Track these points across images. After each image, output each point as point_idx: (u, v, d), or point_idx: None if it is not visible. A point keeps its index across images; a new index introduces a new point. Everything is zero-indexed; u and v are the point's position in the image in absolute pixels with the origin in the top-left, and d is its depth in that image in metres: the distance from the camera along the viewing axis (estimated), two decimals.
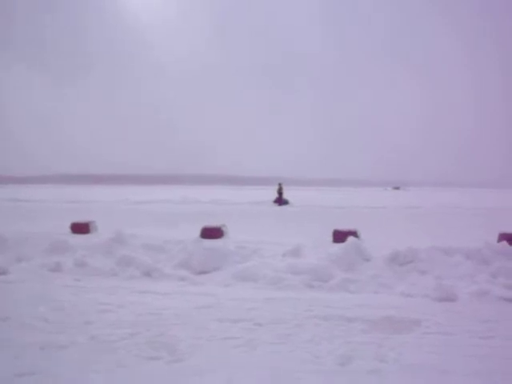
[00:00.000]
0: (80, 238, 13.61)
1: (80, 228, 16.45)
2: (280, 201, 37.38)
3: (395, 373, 4.83)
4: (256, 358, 5.22)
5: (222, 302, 7.71)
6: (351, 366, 5.01)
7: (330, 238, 14.12)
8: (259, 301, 7.72)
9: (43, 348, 5.58)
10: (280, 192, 38.17)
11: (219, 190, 74.11)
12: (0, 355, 5.34)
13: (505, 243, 10.10)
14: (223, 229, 15.63)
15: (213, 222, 16.28)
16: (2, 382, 4.66)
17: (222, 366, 4.99)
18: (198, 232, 14.95)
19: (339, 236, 13.60)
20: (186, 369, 4.94)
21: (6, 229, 14.66)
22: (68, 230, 16.37)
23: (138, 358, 5.25)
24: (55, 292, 8.38)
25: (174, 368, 4.99)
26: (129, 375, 4.80)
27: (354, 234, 13.26)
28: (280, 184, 38.30)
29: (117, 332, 6.11)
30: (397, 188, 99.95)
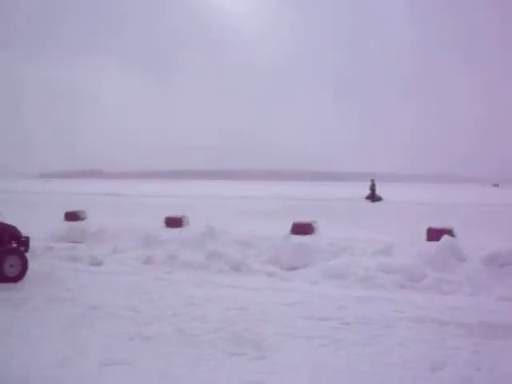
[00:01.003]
0: (173, 232, 13.93)
1: (173, 222, 16.88)
2: (373, 197, 36.60)
3: (490, 382, 4.53)
4: (342, 359, 5.08)
5: (310, 299, 7.60)
6: (443, 372, 4.75)
7: (424, 236, 13.61)
8: (348, 299, 7.55)
9: (132, 338, 5.73)
10: (373, 188, 37.36)
11: (310, 187, 73.64)
12: (89, 344, 5.53)
13: None
14: (313, 225, 15.48)
15: (303, 218, 16.16)
16: (90, 371, 4.81)
17: (305, 366, 4.89)
18: (288, 228, 14.88)
19: (434, 234, 13.07)
20: (268, 366, 4.89)
21: (104, 222, 15.28)
22: (162, 223, 16.82)
23: (222, 353, 5.26)
24: (146, 284, 8.62)
25: (257, 365, 4.95)
26: (211, 370, 4.81)
27: (449, 232, 12.65)
28: (373, 180, 37.47)
29: (203, 326, 6.17)
30: (496, 185, 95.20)
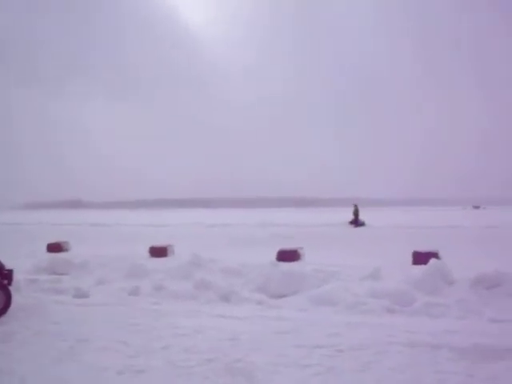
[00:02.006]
0: (158, 262, 13.83)
1: (158, 252, 16.76)
2: (356, 222, 36.78)
3: None
4: None
5: (301, 326, 7.53)
6: None
7: (410, 260, 13.66)
8: (339, 326, 7.49)
9: (121, 372, 5.61)
10: (356, 213, 37.58)
11: (291, 213, 73.75)
12: (79, 378, 5.41)
13: None
14: (300, 251, 15.47)
15: (289, 245, 16.15)
16: None
17: None
18: (274, 255, 14.86)
19: (419, 258, 13.14)
20: None
21: (87, 252, 15.13)
22: (146, 253, 16.70)
23: None
24: (134, 315, 8.49)
25: None
26: None
27: (435, 255, 12.72)
28: (356, 205, 37.71)
29: (194, 357, 6.07)
30: (476, 207, 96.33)
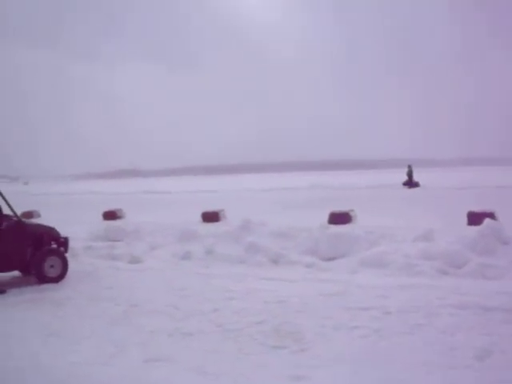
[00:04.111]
0: (210, 227, 13.96)
1: (210, 217, 16.96)
2: (410, 183, 36.12)
3: None
4: (384, 350, 4.97)
5: (350, 289, 7.49)
6: (490, 360, 4.60)
7: (465, 221, 13.31)
8: (389, 288, 7.40)
9: (171, 335, 5.73)
10: (410, 174, 36.88)
11: (345, 175, 72.98)
12: (131, 341, 5.55)
13: None
14: (351, 214, 15.31)
15: (341, 207, 15.99)
16: (131, 368, 4.82)
17: (347, 358, 4.80)
18: (325, 218, 14.75)
19: (475, 218, 12.76)
20: (310, 360, 4.82)
21: (142, 219, 15.43)
22: (199, 218, 16.90)
23: (263, 347, 5.22)
24: (185, 279, 8.64)
25: (299, 358, 4.88)
26: (253, 364, 4.77)
27: (491, 215, 12.32)
28: (410, 166, 36.98)
29: (243, 320, 6.13)
30: None
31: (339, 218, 14.77)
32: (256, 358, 4.91)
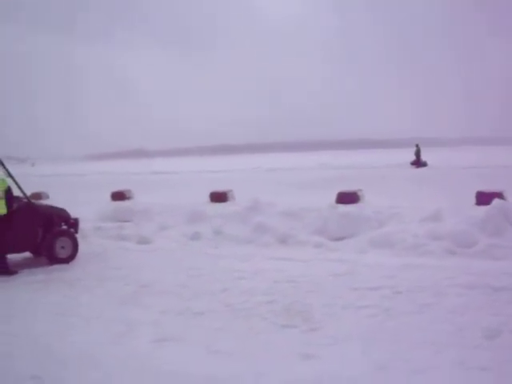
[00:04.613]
0: (218, 207, 13.97)
1: (218, 197, 16.91)
2: (418, 163, 35.90)
3: None
4: (393, 329, 5.01)
5: (359, 268, 7.53)
6: (499, 340, 4.63)
7: (473, 201, 13.25)
8: (397, 268, 7.43)
9: (182, 314, 5.79)
10: (417, 153, 36.66)
11: (352, 155, 72.65)
12: (141, 321, 5.62)
13: None
14: (359, 194, 15.26)
15: (349, 187, 15.95)
16: (141, 347, 4.89)
17: (356, 337, 4.85)
18: (333, 197, 14.73)
19: (483, 198, 12.68)
20: (320, 338, 4.87)
21: (150, 200, 15.46)
22: (207, 199, 16.89)
23: (273, 326, 5.27)
24: (194, 260, 8.70)
25: (309, 337, 4.93)
26: (263, 343, 4.82)
27: (499, 195, 12.24)
28: (417, 145, 36.69)
29: (252, 299, 6.19)
30: None
31: (347, 198, 14.71)
32: (266, 337, 4.97)
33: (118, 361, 4.59)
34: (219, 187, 18.33)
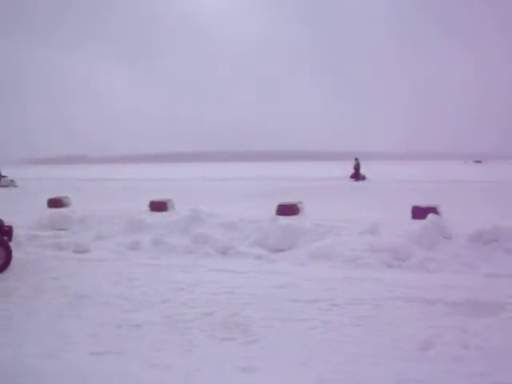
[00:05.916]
0: (158, 216, 13.84)
1: (158, 206, 16.80)
2: (357, 176, 36.74)
3: (479, 360, 4.54)
4: (332, 341, 5.07)
5: (298, 281, 7.57)
6: (433, 351, 4.76)
7: (409, 215, 13.66)
8: (336, 280, 7.53)
9: (120, 326, 5.68)
10: (357, 167, 37.50)
11: (293, 167, 73.56)
12: (78, 333, 5.48)
13: None
14: (299, 206, 15.49)
15: (288, 199, 16.15)
16: (78, 361, 4.76)
17: (296, 349, 4.88)
18: (273, 209, 14.87)
19: (419, 212, 13.12)
20: (259, 351, 4.87)
21: (88, 207, 15.17)
22: (147, 207, 16.73)
23: (212, 339, 5.24)
24: (133, 270, 8.55)
25: (248, 350, 4.93)
26: (202, 356, 4.79)
27: (434, 210, 12.69)
28: (357, 159, 37.57)
29: (191, 311, 6.14)
30: (478, 161, 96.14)
31: (287, 210, 14.93)
32: (205, 350, 4.93)
33: (55, 375, 4.45)
34: (161, 196, 18.21)
